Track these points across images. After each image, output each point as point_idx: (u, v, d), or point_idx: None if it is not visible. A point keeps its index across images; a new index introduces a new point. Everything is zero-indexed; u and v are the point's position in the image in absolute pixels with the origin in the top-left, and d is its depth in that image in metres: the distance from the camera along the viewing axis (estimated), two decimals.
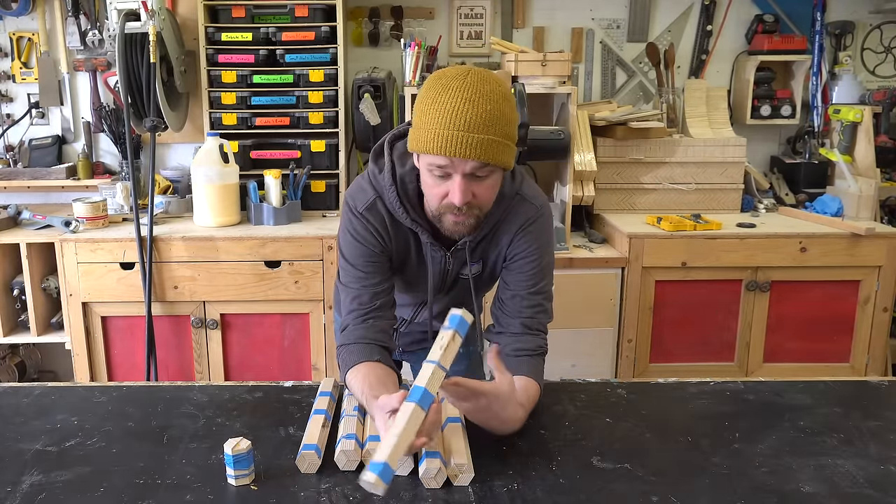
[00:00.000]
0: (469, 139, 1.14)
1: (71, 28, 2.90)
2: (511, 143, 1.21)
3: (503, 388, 1.16)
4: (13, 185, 2.87)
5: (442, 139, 1.15)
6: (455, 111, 1.15)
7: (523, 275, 1.37)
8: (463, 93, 1.15)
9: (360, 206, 1.35)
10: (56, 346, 2.82)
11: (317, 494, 1.06)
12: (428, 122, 1.17)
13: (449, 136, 1.15)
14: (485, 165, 1.18)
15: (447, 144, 1.15)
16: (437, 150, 1.16)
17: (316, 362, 2.62)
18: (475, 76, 1.18)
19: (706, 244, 2.59)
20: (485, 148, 1.15)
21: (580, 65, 3.13)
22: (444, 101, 1.16)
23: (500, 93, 1.18)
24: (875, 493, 1.08)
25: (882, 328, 2.68)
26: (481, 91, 1.16)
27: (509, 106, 1.19)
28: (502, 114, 1.17)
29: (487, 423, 1.17)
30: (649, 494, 1.06)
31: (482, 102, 1.15)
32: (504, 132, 1.18)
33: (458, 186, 1.19)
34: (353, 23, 3.03)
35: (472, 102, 1.15)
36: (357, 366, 1.27)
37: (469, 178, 1.19)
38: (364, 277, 1.35)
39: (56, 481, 1.09)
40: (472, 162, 1.17)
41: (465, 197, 1.20)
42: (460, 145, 1.15)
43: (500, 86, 1.19)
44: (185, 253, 2.51)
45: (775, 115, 3.05)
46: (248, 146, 2.78)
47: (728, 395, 1.42)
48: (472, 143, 1.14)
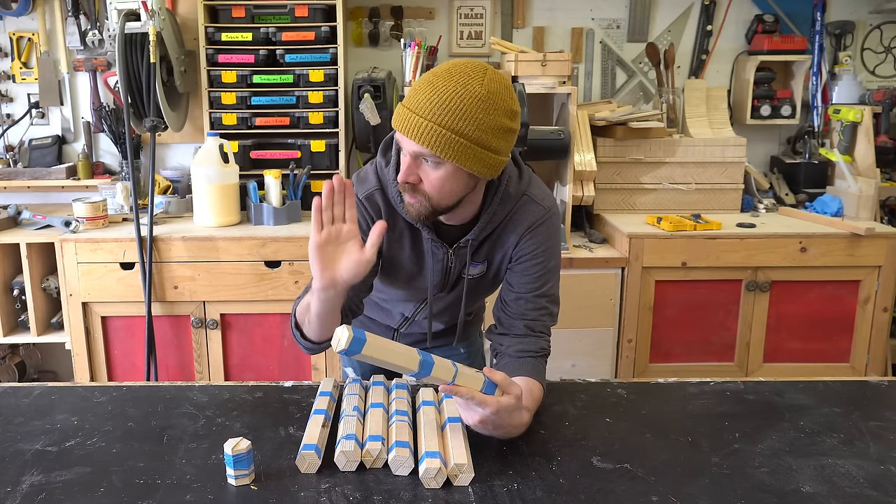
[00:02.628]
0: (415, 120, 1.16)
1: (71, 28, 2.90)
2: (475, 146, 1.16)
3: (509, 402, 1.14)
4: (13, 185, 2.88)
5: (397, 114, 1.20)
6: (416, 91, 1.18)
7: (528, 277, 1.36)
8: (435, 78, 1.17)
9: (361, 193, 1.36)
10: (56, 346, 2.82)
11: (317, 494, 1.06)
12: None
13: (401, 112, 1.19)
14: (429, 153, 1.18)
15: (397, 118, 1.20)
16: (394, 123, 1.21)
17: (316, 362, 2.62)
18: (468, 72, 1.17)
19: (706, 244, 2.59)
20: (429, 135, 1.15)
21: (580, 65, 3.13)
22: (422, 81, 1.19)
23: (481, 96, 1.14)
24: (875, 493, 1.08)
25: (882, 328, 2.68)
26: (456, 83, 1.15)
27: (486, 111, 1.15)
28: (470, 115, 1.14)
29: (492, 434, 1.17)
30: (649, 494, 1.06)
31: (447, 94, 1.15)
32: (461, 130, 1.15)
33: (403, 163, 1.22)
34: (353, 23, 3.03)
35: (440, 91, 1.15)
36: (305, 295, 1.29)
37: (416, 159, 1.21)
38: None
39: (56, 481, 1.09)
40: (413, 143, 1.18)
41: (405, 175, 1.22)
42: (405, 123, 1.17)
43: (490, 93, 1.16)
44: (185, 253, 2.51)
45: (775, 115, 3.05)
46: (248, 146, 2.78)
47: (728, 395, 1.42)
48: (417, 124, 1.16)
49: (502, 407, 1.13)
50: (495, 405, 1.12)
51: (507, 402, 1.13)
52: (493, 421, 1.13)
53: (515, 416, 1.16)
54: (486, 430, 1.16)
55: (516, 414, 1.16)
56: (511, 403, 1.14)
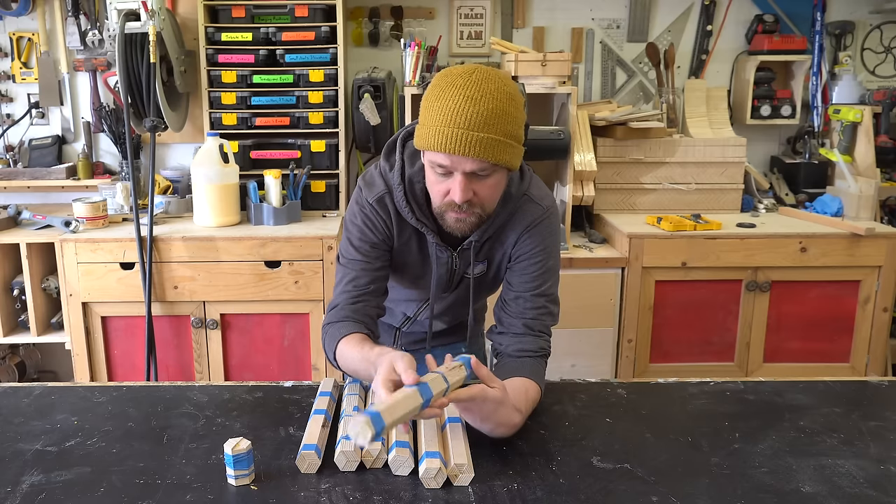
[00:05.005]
0: (469, 137, 1.14)
1: (71, 28, 2.90)
2: (516, 143, 1.20)
3: (494, 393, 1.14)
4: (13, 185, 2.87)
5: (443, 136, 1.15)
6: (457, 109, 1.15)
7: (527, 276, 1.36)
8: (466, 91, 1.15)
9: (370, 197, 1.36)
10: (56, 346, 2.82)
11: (317, 494, 1.06)
12: (431, 120, 1.18)
13: (450, 134, 1.15)
14: (486, 164, 1.18)
15: (447, 142, 1.15)
16: (438, 147, 1.16)
17: (316, 362, 2.62)
18: (481, 74, 1.17)
19: (706, 244, 2.59)
20: (485, 147, 1.15)
21: (580, 65, 3.13)
22: (448, 98, 1.16)
23: (506, 92, 1.17)
24: (875, 493, 1.08)
25: (882, 328, 2.68)
26: (485, 90, 1.15)
27: (514, 106, 1.18)
28: (505, 113, 1.16)
29: (481, 425, 1.17)
30: (649, 494, 1.06)
31: (485, 101, 1.14)
32: (506, 131, 1.17)
33: (458, 184, 1.19)
34: (353, 23, 3.03)
35: (475, 101, 1.14)
36: (351, 335, 1.28)
37: (470, 176, 1.19)
38: (365, 260, 1.36)
39: (56, 481, 1.09)
40: (471, 160, 1.17)
41: (465, 195, 1.20)
42: (460, 143, 1.14)
43: (507, 85, 1.18)
44: (185, 253, 2.51)
45: (775, 115, 3.05)
46: (248, 146, 2.78)
47: (728, 395, 1.42)
48: (472, 141, 1.14)
49: (488, 395, 1.13)
50: (479, 391, 1.12)
51: (493, 394, 1.13)
52: (480, 409, 1.13)
53: (502, 412, 1.15)
54: (474, 420, 1.16)
55: (503, 409, 1.15)
56: (497, 396, 1.14)
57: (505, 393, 1.16)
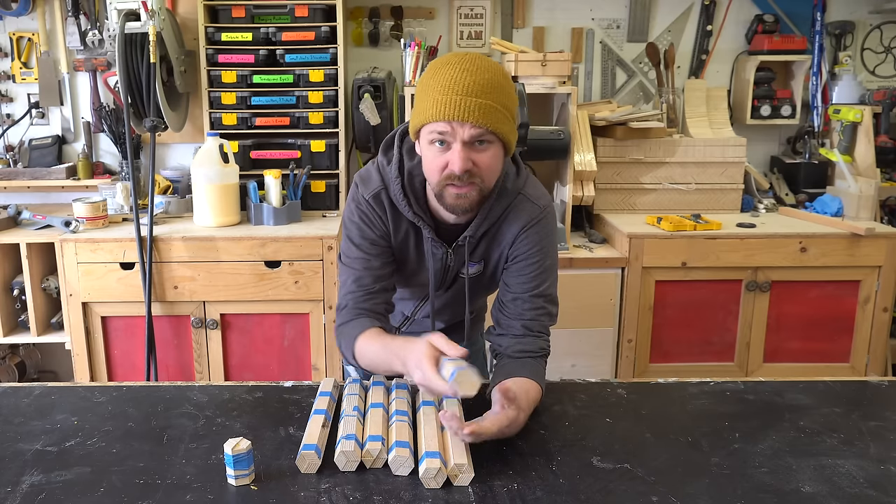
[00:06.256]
0: (468, 103, 1.17)
1: (71, 28, 2.90)
2: (510, 117, 1.23)
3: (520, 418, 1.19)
4: (13, 185, 2.88)
5: (441, 104, 1.18)
6: (454, 79, 1.18)
7: (524, 277, 1.36)
8: (461, 65, 1.20)
9: (366, 194, 1.36)
10: (56, 346, 2.82)
11: (317, 494, 1.06)
12: (428, 93, 1.20)
13: (448, 101, 1.17)
14: (485, 132, 1.19)
15: (446, 108, 1.17)
16: (437, 115, 1.18)
17: (316, 362, 2.62)
18: (473, 55, 1.23)
19: (706, 244, 2.59)
20: (483, 112, 1.17)
21: (580, 65, 3.13)
22: (444, 72, 1.20)
23: (499, 70, 1.22)
24: (875, 493, 1.08)
25: (882, 328, 2.68)
26: (479, 64, 1.20)
27: (508, 83, 1.23)
28: (501, 85, 1.20)
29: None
30: (649, 494, 1.06)
31: (480, 72, 1.19)
32: (503, 103, 1.20)
33: (457, 154, 1.20)
34: (353, 23, 3.03)
35: (471, 72, 1.19)
36: (368, 331, 1.30)
37: (469, 146, 1.20)
38: (367, 259, 1.36)
39: (56, 481, 1.09)
40: (470, 127, 1.18)
41: (464, 164, 1.20)
42: (459, 108, 1.17)
43: (499, 67, 1.24)
44: (185, 253, 2.51)
45: (775, 115, 3.05)
46: (248, 146, 2.78)
47: (728, 395, 1.42)
48: (472, 106, 1.16)
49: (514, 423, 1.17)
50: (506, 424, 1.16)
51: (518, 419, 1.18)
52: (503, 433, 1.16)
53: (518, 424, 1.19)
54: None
55: (519, 421, 1.19)
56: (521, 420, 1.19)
57: (520, 410, 1.19)
